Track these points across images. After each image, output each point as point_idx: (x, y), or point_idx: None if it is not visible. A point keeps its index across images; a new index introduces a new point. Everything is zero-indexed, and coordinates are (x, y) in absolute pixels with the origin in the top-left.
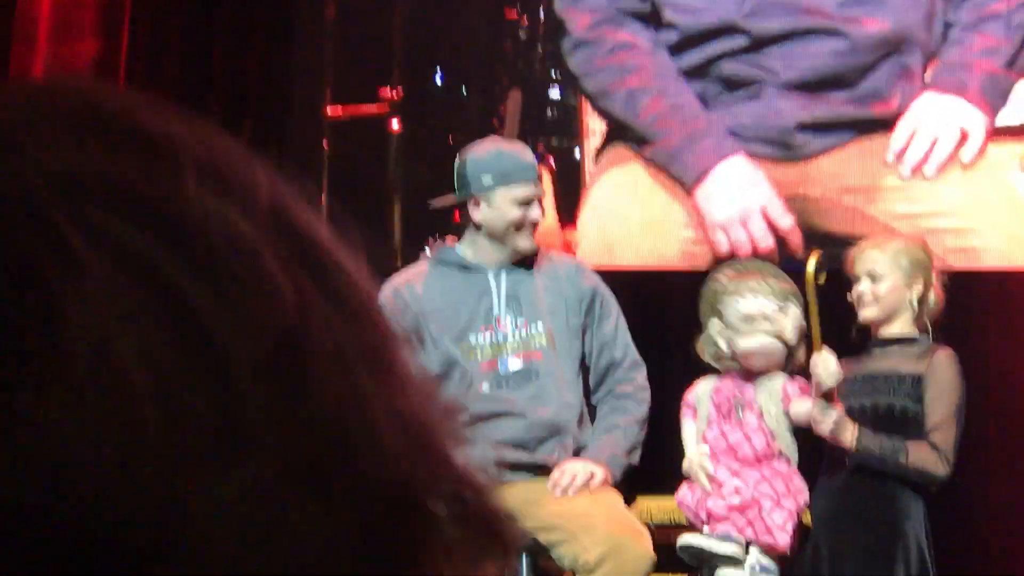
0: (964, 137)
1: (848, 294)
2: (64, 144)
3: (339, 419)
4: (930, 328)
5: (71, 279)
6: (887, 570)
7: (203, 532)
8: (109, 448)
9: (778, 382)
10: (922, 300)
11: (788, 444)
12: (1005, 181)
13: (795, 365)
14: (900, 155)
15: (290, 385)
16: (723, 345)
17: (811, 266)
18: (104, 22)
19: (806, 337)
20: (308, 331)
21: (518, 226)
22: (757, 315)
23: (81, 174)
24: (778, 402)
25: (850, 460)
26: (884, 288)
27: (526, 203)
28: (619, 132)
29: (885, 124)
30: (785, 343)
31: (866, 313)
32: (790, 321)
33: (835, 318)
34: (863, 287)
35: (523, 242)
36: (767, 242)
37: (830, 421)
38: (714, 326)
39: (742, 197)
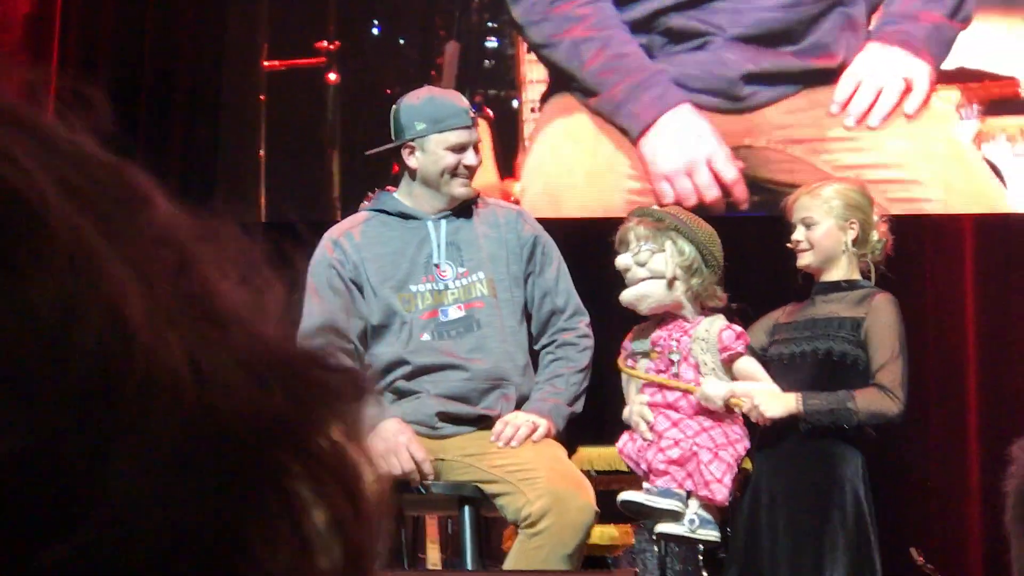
0: (908, 88)
1: (787, 241)
2: None
3: (215, 287)
4: (873, 271)
5: None
6: (822, 514)
7: (176, 374)
8: None
9: (714, 330)
10: (860, 242)
11: None
12: (948, 132)
13: (710, 298)
14: (845, 106)
15: (178, 257)
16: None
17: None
18: None
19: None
20: (176, 220)
21: (452, 172)
22: (631, 263)
23: None
24: (714, 351)
25: (803, 427)
26: (818, 234)
27: (460, 149)
28: (563, 81)
29: (830, 76)
30: (667, 280)
31: (803, 260)
32: (666, 257)
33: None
34: (798, 234)
35: (457, 188)
36: (712, 192)
37: (775, 405)
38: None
39: (688, 148)
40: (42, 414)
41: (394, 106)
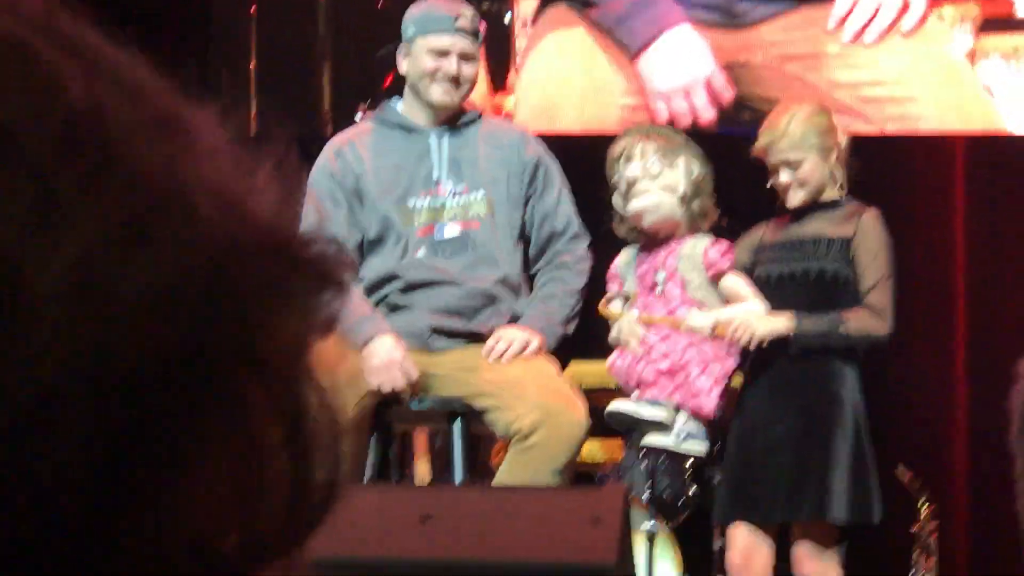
0: (906, 5)
1: (767, 182)
2: None
3: (150, 184)
4: (846, 181)
5: None
6: (825, 432)
7: (45, 300)
8: None
9: (700, 247)
10: (840, 163)
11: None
12: (944, 50)
13: (704, 219)
14: (842, 21)
15: (95, 157)
16: (621, 212)
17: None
18: None
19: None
20: (100, 108)
21: (432, 76)
22: (642, 175)
23: None
24: (701, 269)
25: (792, 347)
26: (805, 171)
27: (442, 54)
28: None
29: None
30: (679, 196)
31: (796, 198)
32: (677, 173)
33: (761, 180)
34: (784, 177)
35: (436, 95)
36: (708, 114)
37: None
38: (615, 199)
39: (686, 68)
40: None
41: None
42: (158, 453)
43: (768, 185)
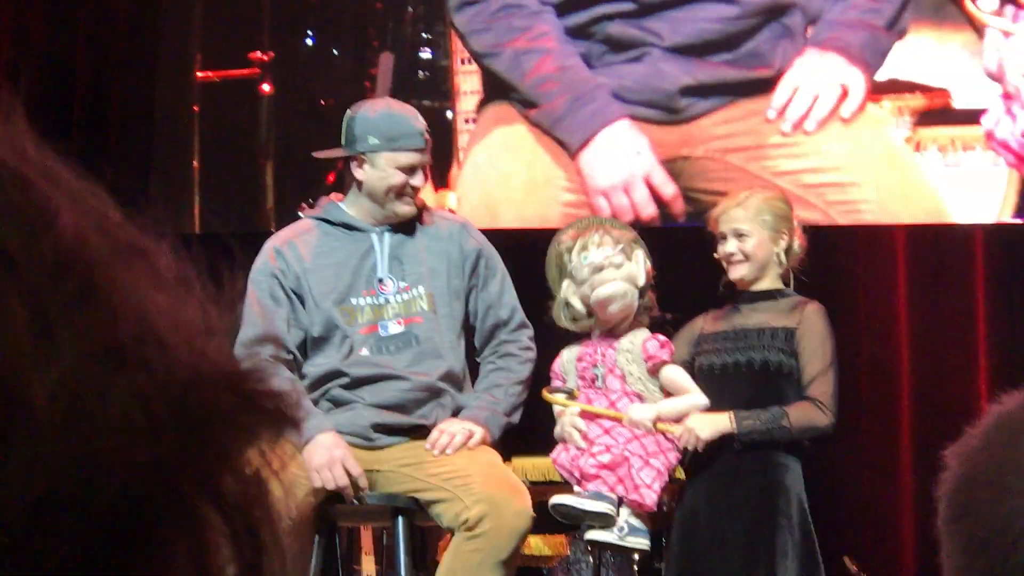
0: (845, 94)
1: (714, 252)
2: None
3: (126, 312)
4: (792, 278)
5: None
6: (771, 523)
7: (43, 410)
8: None
9: (638, 341)
10: (787, 252)
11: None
12: (884, 136)
13: (647, 313)
14: (782, 111)
15: (80, 282)
16: (577, 304)
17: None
18: None
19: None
20: (84, 237)
21: (399, 192)
22: (606, 263)
23: None
24: (640, 362)
25: (738, 444)
26: (751, 245)
27: (409, 170)
28: (500, 90)
29: (766, 85)
30: (636, 286)
31: (737, 272)
32: (636, 266)
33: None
34: (730, 247)
35: (402, 207)
36: (649, 209)
37: (704, 428)
38: (566, 288)
39: (625, 164)
40: None
41: (348, 112)
42: (125, 569)
43: (715, 255)
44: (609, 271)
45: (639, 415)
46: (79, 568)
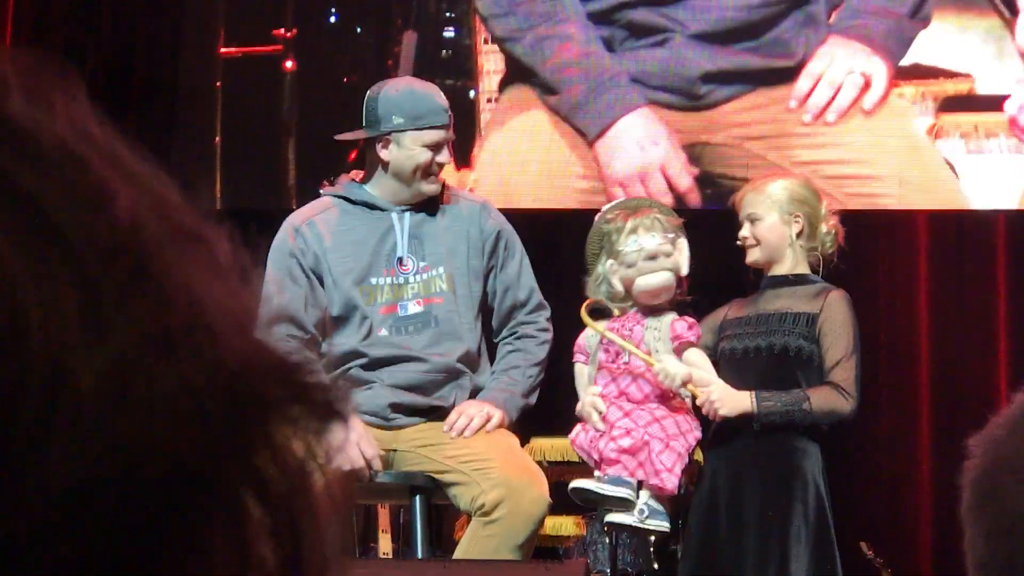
0: (867, 84)
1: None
2: None
3: (177, 297)
4: (822, 264)
5: None
6: (786, 508)
7: (88, 396)
8: None
9: (666, 321)
10: (806, 236)
11: None
12: (905, 128)
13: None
14: (803, 101)
15: (133, 266)
16: (618, 285)
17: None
18: None
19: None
20: (139, 220)
21: (425, 171)
22: (659, 252)
23: None
24: (667, 341)
25: (757, 425)
26: (763, 228)
27: (435, 148)
28: (522, 74)
29: (788, 74)
30: (678, 276)
31: (750, 256)
32: (681, 255)
33: (735, 260)
34: (745, 231)
35: (428, 186)
36: (665, 200)
37: (722, 402)
38: (609, 266)
39: (643, 154)
40: None
41: (369, 93)
42: (164, 555)
43: (737, 241)
44: (660, 260)
45: (673, 368)
46: (117, 552)
